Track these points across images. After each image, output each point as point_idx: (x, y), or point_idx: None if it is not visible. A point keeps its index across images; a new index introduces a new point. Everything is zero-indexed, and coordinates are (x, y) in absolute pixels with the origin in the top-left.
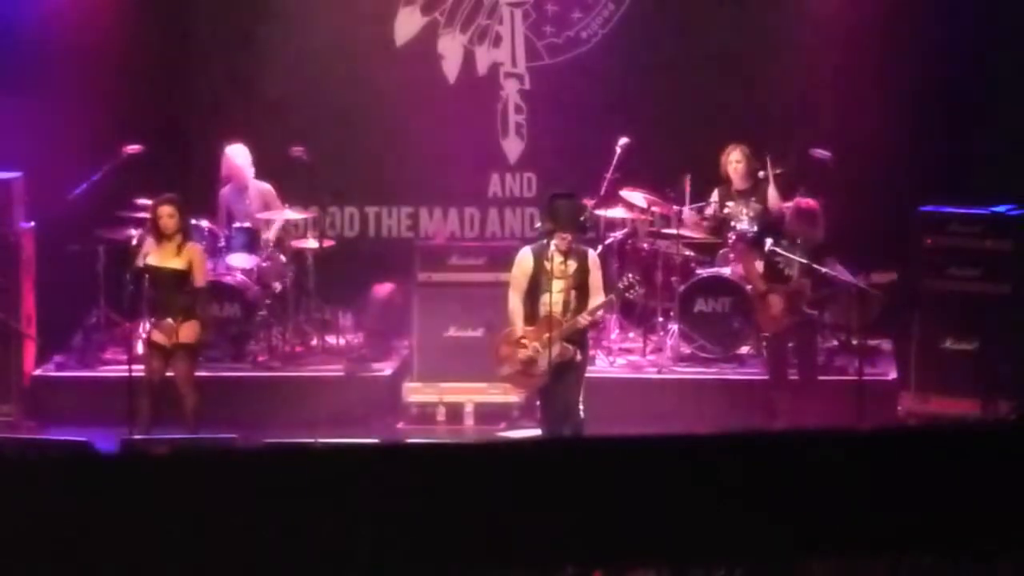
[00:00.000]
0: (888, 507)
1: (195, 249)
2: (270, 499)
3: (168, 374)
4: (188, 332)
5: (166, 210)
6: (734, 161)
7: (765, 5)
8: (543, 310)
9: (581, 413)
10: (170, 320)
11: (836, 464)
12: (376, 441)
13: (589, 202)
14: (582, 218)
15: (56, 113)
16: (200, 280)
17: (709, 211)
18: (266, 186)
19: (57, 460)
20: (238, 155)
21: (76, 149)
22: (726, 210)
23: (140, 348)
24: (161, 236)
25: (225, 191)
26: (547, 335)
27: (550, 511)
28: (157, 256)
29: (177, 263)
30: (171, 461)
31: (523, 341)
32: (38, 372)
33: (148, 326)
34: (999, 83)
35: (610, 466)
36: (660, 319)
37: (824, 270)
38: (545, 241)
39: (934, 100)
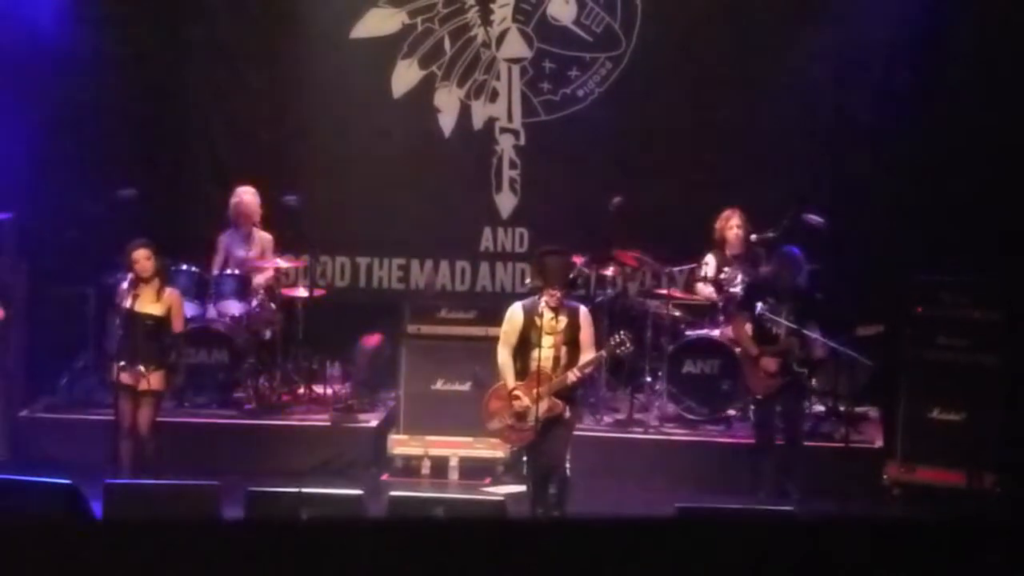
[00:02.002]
0: None
1: (174, 295)
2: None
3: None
4: (156, 380)
5: (142, 253)
6: (735, 226)
7: (760, 70)
8: (533, 365)
9: (567, 471)
10: (141, 368)
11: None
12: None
13: (579, 259)
14: (571, 275)
15: (50, 155)
16: (178, 326)
17: (704, 274)
18: (267, 235)
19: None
20: (252, 196)
21: (69, 192)
22: (722, 275)
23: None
24: (139, 280)
25: (225, 235)
26: (536, 390)
27: None
28: (136, 301)
29: (156, 309)
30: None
31: (515, 394)
32: (24, 413)
33: (117, 369)
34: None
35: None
36: (648, 379)
37: (810, 334)
38: (536, 297)
39: (930, 170)
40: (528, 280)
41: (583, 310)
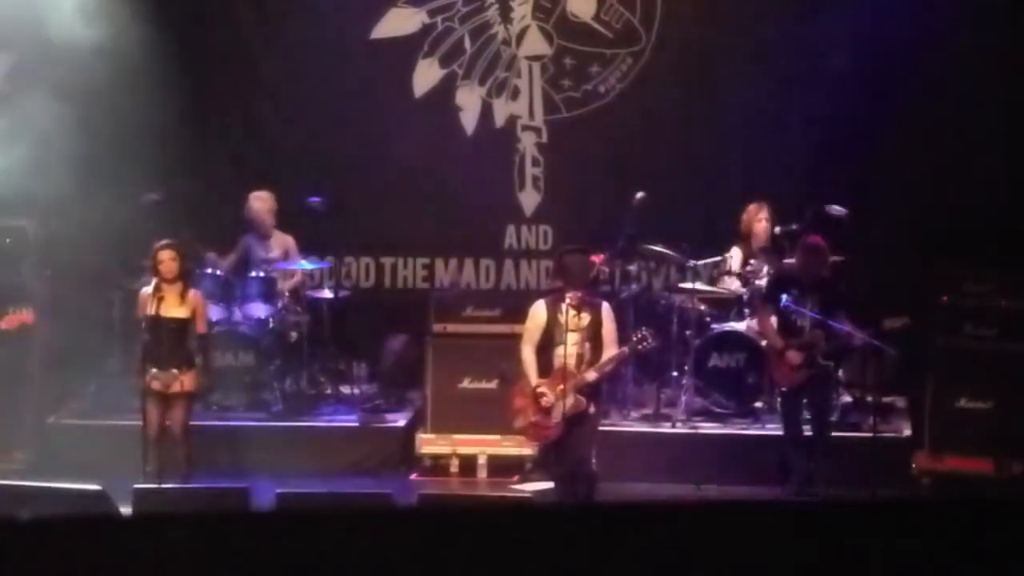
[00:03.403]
0: None
1: (197, 297)
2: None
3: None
4: (188, 381)
5: (167, 254)
6: (763, 219)
7: (782, 61)
8: (558, 362)
9: (594, 466)
10: (174, 370)
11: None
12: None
13: (598, 257)
14: (592, 273)
15: (74, 160)
16: (202, 327)
17: (729, 267)
18: (288, 237)
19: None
20: (262, 202)
21: (93, 196)
22: (748, 268)
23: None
24: (163, 280)
25: (248, 236)
26: (561, 387)
27: None
28: (161, 305)
29: (180, 312)
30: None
31: (540, 391)
32: (52, 419)
33: (148, 375)
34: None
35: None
36: (675, 373)
37: (836, 325)
38: (558, 294)
39: (952, 158)
40: (549, 280)
41: (606, 306)
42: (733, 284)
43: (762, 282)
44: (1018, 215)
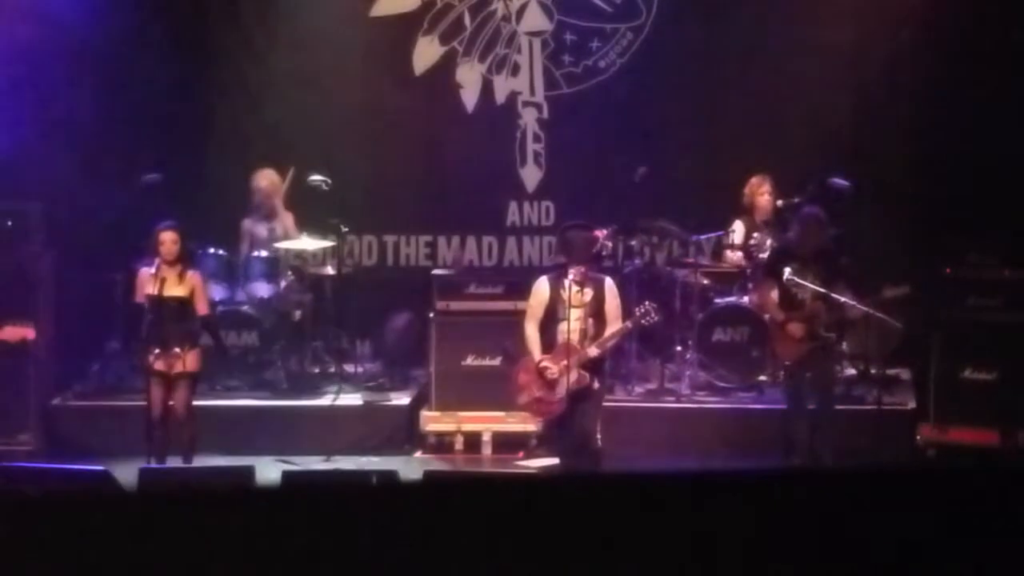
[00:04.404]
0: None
1: (196, 277)
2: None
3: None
4: (191, 361)
5: (169, 236)
6: (765, 192)
7: (783, 34)
8: (561, 338)
9: (599, 442)
10: (177, 349)
11: (856, 503)
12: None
13: (601, 232)
14: (595, 249)
15: (75, 142)
16: (203, 308)
17: (732, 241)
18: (289, 215)
19: (74, 493)
20: (269, 181)
21: (95, 178)
22: (752, 241)
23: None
24: (163, 263)
25: (248, 219)
26: (564, 363)
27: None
28: (160, 285)
29: (180, 291)
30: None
31: (543, 366)
32: (56, 401)
33: (152, 355)
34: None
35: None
36: (678, 348)
37: (839, 297)
38: (561, 270)
39: (955, 130)
40: (552, 256)
41: (608, 281)
42: (736, 258)
43: (766, 255)
44: (1022, 186)
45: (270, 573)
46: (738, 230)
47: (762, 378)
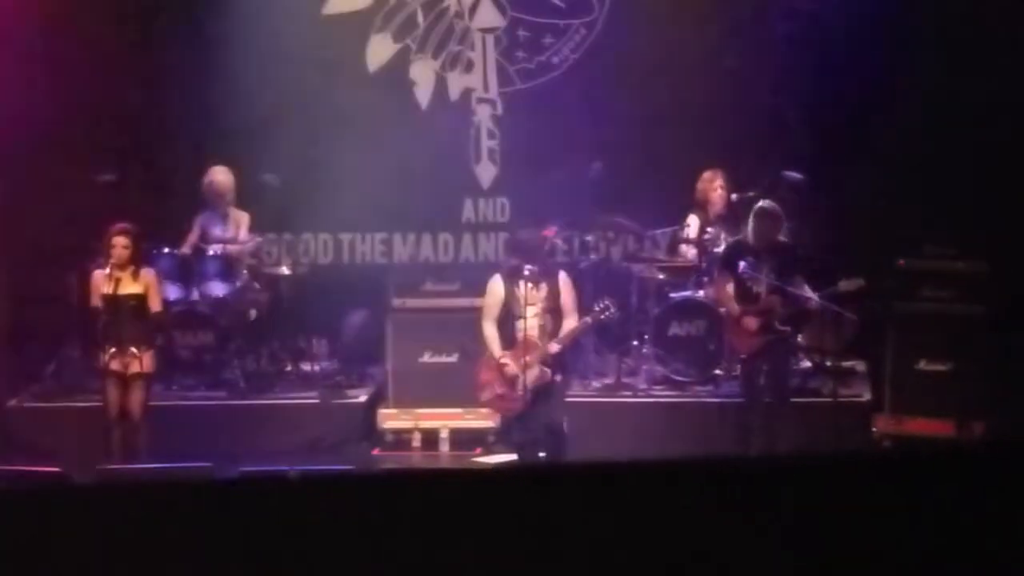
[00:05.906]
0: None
1: (150, 275)
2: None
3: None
4: (147, 361)
5: (120, 240)
6: (718, 187)
7: (735, 29)
8: (519, 335)
9: (565, 428)
10: (134, 349)
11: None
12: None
13: (551, 231)
14: (545, 247)
15: (30, 142)
16: (156, 305)
17: (686, 235)
18: (244, 214)
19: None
20: (224, 176)
21: (48, 178)
22: (706, 235)
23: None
24: (114, 266)
25: (202, 215)
26: (525, 359)
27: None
28: (115, 284)
29: (135, 288)
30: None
31: (503, 362)
32: (13, 402)
33: (107, 355)
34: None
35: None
36: (635, 342)
37: (793, 291)
38: (515, 267)
39: (909, 122)
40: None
41: (563, 275)
42: (691, 252)
43: (720, 250)
44: (975, 177)
45: (229, 570)
46: (692, 225)
47: (718, 371)
